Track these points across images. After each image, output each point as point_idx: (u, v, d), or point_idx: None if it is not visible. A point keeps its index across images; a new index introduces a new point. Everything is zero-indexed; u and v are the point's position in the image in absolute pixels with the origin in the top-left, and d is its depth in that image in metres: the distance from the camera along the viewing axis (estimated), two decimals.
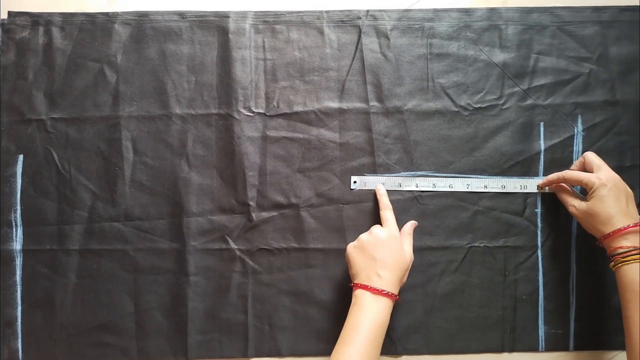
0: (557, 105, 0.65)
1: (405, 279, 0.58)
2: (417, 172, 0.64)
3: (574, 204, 0.59)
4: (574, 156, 0.65)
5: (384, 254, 0.56)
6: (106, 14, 0.66)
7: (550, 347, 0.63)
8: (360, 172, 0.64)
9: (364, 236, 0.58)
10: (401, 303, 0.63)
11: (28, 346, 0.63)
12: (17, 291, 0.63)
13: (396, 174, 0.64)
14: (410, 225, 0.62)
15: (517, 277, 0.64)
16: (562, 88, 0.65)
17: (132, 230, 0.64)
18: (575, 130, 0.65)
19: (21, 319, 0.63)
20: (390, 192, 0.64)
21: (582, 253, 0.64)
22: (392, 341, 0.63)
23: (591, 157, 0.60)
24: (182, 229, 0.64)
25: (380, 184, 0.64)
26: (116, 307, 0.63)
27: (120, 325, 0.63)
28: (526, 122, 0.65)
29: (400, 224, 0.61)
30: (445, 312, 0.64)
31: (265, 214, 0.64)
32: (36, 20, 0.65)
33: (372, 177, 0.64)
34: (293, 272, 0.64)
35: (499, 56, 0.65)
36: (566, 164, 0.64)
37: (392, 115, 0.65)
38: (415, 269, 0.64)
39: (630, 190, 0.57)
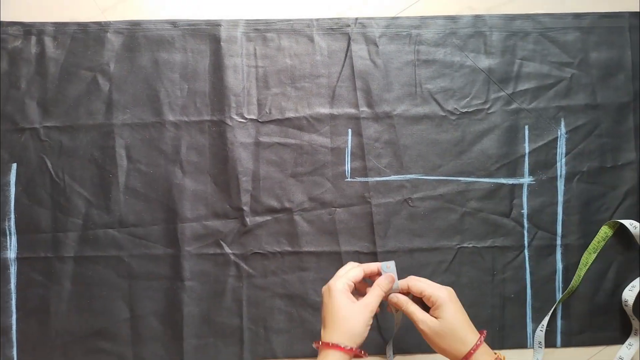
0: (540, 109, 0.67)
1: (364, 334, 0.50)
2: (406, 176, 0.66)
3: (427, 322, 0.50)
4: (558, 158, 0.67)
5: (324, 314, 0.51)
6: (99, 23, 0.66)
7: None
8: (351, 176, 0.66)
9: None
10: None
11: (23, 354, 0.63)
12: (12, 299, 0.63)
13: (386, 177, 0.66)
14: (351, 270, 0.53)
15: (505, 276, 0.65)
16: (546, 92, 0.67)
17: (127, 236, 0.65)
18: (559, 133, 0.67)
19: (16, 327, 0.63)
20: (381, 196, 0.65)
21: (567, 252, 0.66)
22: (384, 341, 0.64)
23: (414, 281, 0.52)
24: (177, 235, 0.65)
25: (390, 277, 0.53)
26: (111, 313, 0.64)
27: (116, 331, 0.64)
28: (511, 126, 0.67)
29: (392, 227, 0.63)
30: None
31: (259, 219, 0.65)
32: (28, 29, 0.66)
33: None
34: (287, 275, 0.65)
35: (484, 62, 0.67)
36: (550, 165, 0.66)
37: (381, 120, 0.66)
38: (406, 271, 0.65)
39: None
